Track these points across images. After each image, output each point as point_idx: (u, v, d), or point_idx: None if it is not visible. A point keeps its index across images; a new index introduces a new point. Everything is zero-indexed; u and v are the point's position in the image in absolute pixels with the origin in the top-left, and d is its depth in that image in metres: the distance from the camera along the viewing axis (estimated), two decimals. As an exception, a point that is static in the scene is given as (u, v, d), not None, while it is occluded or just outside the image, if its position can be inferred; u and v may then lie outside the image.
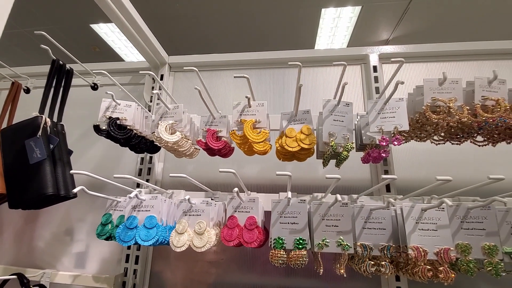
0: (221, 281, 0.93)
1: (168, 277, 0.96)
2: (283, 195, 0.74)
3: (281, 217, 0.68)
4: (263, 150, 0.77)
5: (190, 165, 1.06)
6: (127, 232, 0.67)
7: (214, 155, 0.87)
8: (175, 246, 0.65)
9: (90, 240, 1.04)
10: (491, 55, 1.05)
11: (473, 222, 0.62)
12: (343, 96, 1.07)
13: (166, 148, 0.83)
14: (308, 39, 3.61)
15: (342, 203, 0.68)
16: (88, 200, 1.08)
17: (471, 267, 0.59)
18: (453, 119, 0.66)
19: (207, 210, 0.67)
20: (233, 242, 0.67)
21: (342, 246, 0.64)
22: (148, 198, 0.69)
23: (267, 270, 0.93)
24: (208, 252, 0.97)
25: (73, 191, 0.64)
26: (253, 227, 0.67)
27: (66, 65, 0.97)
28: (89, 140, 1.16)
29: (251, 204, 0.69)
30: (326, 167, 0.79)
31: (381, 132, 0.70)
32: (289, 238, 0.66)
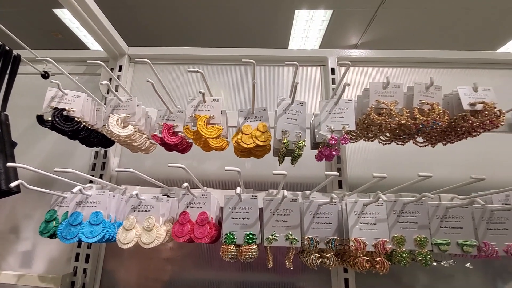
0: (177, 278, 0.93)
1: (121, 276, 0.93)
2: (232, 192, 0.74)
3: (233, 212, 0.69)
4: (219, 146, 0.77)
5: (148, 160, 1.03)
6: (70, 229, 0.64)
7: (171, 150, 0.86)
8: (122, 242, 0.63)
9: (37, 239, 0.98)
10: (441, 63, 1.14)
11: (408, 216, 0.67)
12: (302, 95, 1.11)
13: (119, 142, 0.80)
14: (282, 39, 3.66)
15: (291, 199, 0.70)
16: (35, 196, 1.01)
17: (404, 258, 0.64)
18: (394, 121, 0.71)
19: (157, 206, 0.66)
20: (184, 238, 0.67)
21: (290, 240, 0.67)
22: (95, 193, 0.67)
23: (224, 266, 0.94)
24: (164, 249, 0.95)
25: (10, 185, 0.60)
26: (204, 223, 0.68)
27: (13, 51, 0.90)
28: (39, 132, 1.09)
29: (204, 200, 0.70)
30: (283, 164, 0.82)
31: (331, 131, 0.74)
32: (240, 233, 0.67)
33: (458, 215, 0.67)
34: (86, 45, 3.75)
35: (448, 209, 0.68)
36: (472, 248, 0.65)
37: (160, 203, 0.66)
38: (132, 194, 0.63)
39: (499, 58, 1.14)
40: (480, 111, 0.72)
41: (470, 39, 3.38)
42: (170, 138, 0.79)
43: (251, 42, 3.77)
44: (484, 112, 0.70)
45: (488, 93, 0.72)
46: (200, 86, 1.15)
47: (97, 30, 0.97)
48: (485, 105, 0.69)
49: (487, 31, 3.21)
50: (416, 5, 2.88)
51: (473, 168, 1.02)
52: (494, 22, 3.05)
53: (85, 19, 0.91)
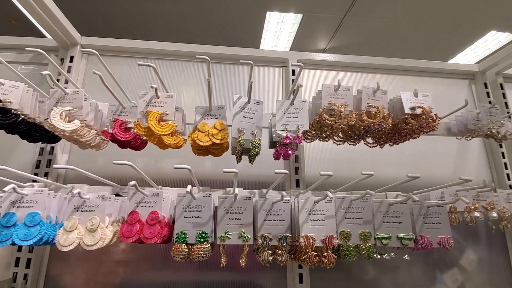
0: (130, 281, 0.89)
1: (67, 281, 0.87)
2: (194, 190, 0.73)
3: (185, 211, 0.68)
4: (175, 144, 0.76)
5: (100, 158, 0.98)
6: (3, 231, 0.58)
7: (125, 147, 0.82)
8: (62, 245, 0.59)
9: (-33, 244, 0.88)
10: (392, 70, 1.23)
11: (354, 212, 0.71)
12: (262, 95, 1.12)
13: (65, 138, 0.75)
14: (254, 40, 3.67)
15: (245, 197, 0.71)
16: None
17: (350, 252, 0.68)
18: (344, 122, 0.75)
19: (102, 205, 0.63)
20: (132, 239, 0.64)
21: (243, 238, 0.67)
22: (32, 192, 0.62)
23: (180, 266, 0.92)
24: (115, 251, 0.91)
25: None
26: (154, 222, 0.65)
27: None
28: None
29: (155, 199, 0.67)
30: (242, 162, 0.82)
31: (286, 130, 0.75)
32: (192, 232, 0.66)
33: (399, 211, 0.73)
34: (44, 34, 3.45)
35: (390, 205, 0.73)
36: (409, 241, 0.71)
37: (106, 202, 0.63)
38: (74, 193, 0.59)
39: (446, 68, 1.25)
40: (419, 115, 0.78)
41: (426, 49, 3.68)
42: (121, 135, 0.76)
43: (223, 40, 3.75)
44: (422, 116, 0.76)
45: (426, 99, 0.78)
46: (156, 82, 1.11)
47: (45, 17, 0.90)
48: (423, 110, 0.76)
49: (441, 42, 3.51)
50: (379, 15, 3.06)
51: (415, 167, 1.11)
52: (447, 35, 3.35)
53: (30, 4, 0.84)
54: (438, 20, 3.10)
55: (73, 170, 0.57)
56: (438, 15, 3.03)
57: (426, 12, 2.99)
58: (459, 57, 3.78)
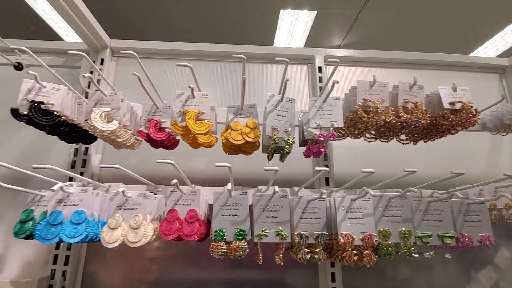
0: (164, 278, 0.90)
1: (104, 278, 0.90)
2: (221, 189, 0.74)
3: (222, 209, 0.68)
4: (207, 142, 0.76)
5: (132, 158, 1.00)
6: (50, 228, 0.60)
7: (158, 147, 0.84)
8: (107, 242, 0.61)
9: (9, 241, 0.92)
10: (419, 65, 1.20)
11: (393, 210, 0.70)
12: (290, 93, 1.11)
13: (103, 138, 0.77)
14: (267, 38, 3.66)
15: (281, 195, 0.70)
16: (7, 195, 0.94)
17: (389, 250, 0.66)
18: (380, 118, 0.73)
19: (144, 204, 0.64)
20: (172, 236, 0.65)
21: (280, 236, 0.67)
22: (77, 191, 0.63)
23: (212, 264, 0.93)
24: (149, 248, 0.93)
25: None
26: (193, 220, 0.66)
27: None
28: (13, 127, 1.02)
29: (193, 197, 0.68)
30: (272, 161, 0.82)
31: (319, 128, 0.75)
32: (230, 230, 0.67)
33: (439, 209, 0.71)
34: (61, 38, 3.55)
35: (429, 203, 0.71)
36: (451, 239, 0.69)
37: (147, 200, 0.64)
38: (118, 191, 0.60)
39: (473, 62, 1.21)
40: (459, 110, 0.76)
41: (444, 43, 3.57)
42: (157, 134, 0.77)
43: (236, 39, 3.75)
44: (462, 111, 0.73)
45: (465, 93, 0.76)
46: (185, 82, 1.12)
47: (77, 21, 0.92)
48: (464, 105, 0.73)
49: (460, 36, 3.40)
50: (396, 9, 2.99)
51: (450, 164, 1.08)
52: (467, 28, 3.24)
53: (63, 8, 0.86)
54: (456, 13, 3.01)
55: (119, 169, 0.58)
56: (457, 9, 2.93)
57: (444, 5, 2.90)
58: (479, 51, 3.65)
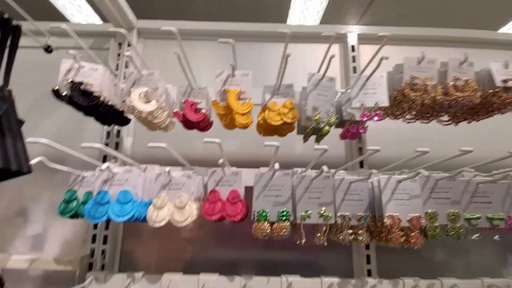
0: (198, 258, 0.92)
1: (140, 256, 0.92)
2: (264, 169, 0.73)
3: (264, 190, 0.67)
4: (245, 123, 0.75)
5: (163, 140, 0.98)
6: (98, 208, 0.61)
7: (191, 128, 0.83)
8: (154, 221, 0.61)
9: (48, 221, 0.94)
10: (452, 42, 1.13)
11: (440, 192, 0.68)
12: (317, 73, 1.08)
13: (139, 120, 0.76)
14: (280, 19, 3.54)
15: (324, 175, 0.69)
16: (44, 177, 0.96)
17: (437, 232, 0.65)
18: (429, 96, 0.70)
19: (188, 184, 0.64)
20: (216, 216, 0.65)
21: (324, 217, 0.66)
22: (122, 171, 0.63)
23: (244, 245, 0.93)
24: (183, 229, 0.94)
25: (30, 162, 0.56)
26: (236, 201, 0.66)
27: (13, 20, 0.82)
28: (42, 112, 1.02)
29: (234, 178, 0.67)
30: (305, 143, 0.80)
31: (362, 107, 0.72)
32: (272, 211, 0.66)
33: (488, 191, 0.68)
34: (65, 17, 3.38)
35: (478, 185, 0.68)
36: (501, 221, 0.66)
37: (190, 181, 0.64)
38: (164, 171, 0.60)
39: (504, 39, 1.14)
40: (511, 87, 0.71)
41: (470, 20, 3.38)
42: (193, 115, 0.76)
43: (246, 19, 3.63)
44: (516, 89, 0.69)
45: (520, 70, 0.71)
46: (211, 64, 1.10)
47: (106, 1, 0.90)
48: (519, 81, 0.69)
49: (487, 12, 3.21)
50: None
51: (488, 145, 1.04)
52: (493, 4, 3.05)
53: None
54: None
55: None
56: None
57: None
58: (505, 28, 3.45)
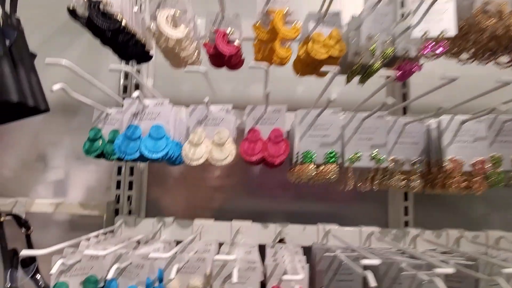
0: (226, 206, 0.88)
1: (166, 204, 0.89)
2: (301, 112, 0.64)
3: (310, 129, 0.60)
4: (286, 57, 0.65)
5: (186, 81, 0.91)
6: (129, 143, 0.55)
7: (221, 65, 0.74)
8: (191, 159, 0.55)
9: (69, 167, 0.90)
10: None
11: (507, 135, 0.60)
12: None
13: (164, 51, 0.67)
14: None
15: (378, 115, 0.61)
16: (61, 121, 0.90)
17: (500, 179, 0.59)
18: (505, 24, 0.59)
19: (227, 119, 0.57)
20: (256, 157, 0.59)
21: (376, 160, 0.60)
22: (152, 104, 0.56)
23: (273, 195, 0.90)
24: (210, 176, 0.89)
25: (53, 87, 0.49)
26: (279, 140, 0.59)
27: None
28: (54, 49, 0.93)
29: (276, 115, 0.60)
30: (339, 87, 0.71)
31: (424, 36, 0.62)
32: (319, 152, 0.60)
33: (561, 135, 0.61)
34: None
35: (550, 128, 0.61)
36: None
37: (230, 115, 0.57)
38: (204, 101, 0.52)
39: None
40: None
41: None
42: (226, 47, 0.66)
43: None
44: None
45: None
46: None
47: None
48: None
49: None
50: None
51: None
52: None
53: None
54: None
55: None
56: None
57: None
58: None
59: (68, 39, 0.93)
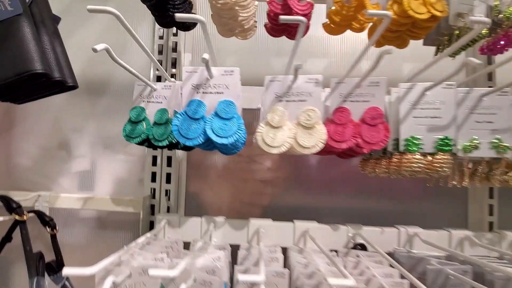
0: (278, 203, 0.76)
1: (209, 199, 0.77)
2: (404, 86, 0.50)
3: (415, 108, 0.47)
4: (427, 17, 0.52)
5: (231, 56, 0.78)
6: (191, 124, 0.42)
7: (281, 32, 0.60)
8: (269, 145, 0.43)
9: (96, 156, 0.78)
10: None
11: None
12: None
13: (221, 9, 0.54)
14: None
15: (500, 92, 0.48)
16: (85, 103, 0.78)
17: None
18: None
19: (316, 93, 0.43)
20: (347, 144, 0.46)
21: (498, 149, 0.47)
22: (217, 72, 0.43)
23: (331, 190, 0.77)
24: (259, 168, 0.77)
25: (96, 47, 0.36)
26: (377, 122, 0.46)
27: None
28: (75, 19, 0.80)
29: (372, 90, 0.47)
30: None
31: None
32: (427, 137, 0.47)
33: None
34: None
35: None
36: None
37: (318, 89, 0.44)
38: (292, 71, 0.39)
39: None
40: None
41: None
42: (298, 6, 0.53)
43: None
44: None
45: None
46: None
47: None
48: None
49: None
50: None
51: None
52: None
53: None
54: None
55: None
56: None
57: None
58: None
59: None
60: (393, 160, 0.48)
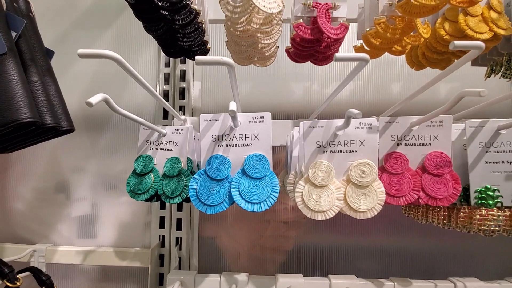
0: (304, 245, 0.67)
1: (225, 245, 0.67)
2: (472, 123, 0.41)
3: (487, 152, 0.38)
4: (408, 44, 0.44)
5: (244, 83, 0.69)
6: (213, 186, 0.33)
7: (307, 58, 0.52)
8: (312, 210, 0.33)
9: (97, 198, 0.70)
10: None
11: None
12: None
13: (239, 36, 0.46)
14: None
15: None
16: (85, 140, 0.70)
17: None
18: None
19: (371, 142, 0.34)
20: (405, 199, 0.37)
21: None
22: (245, 120, 0.35)
23: (364, 229, 0.68)
24: (282, 208, 0.68)
25: (91, 100, 0.27)
26: (443, 172, 0.37)
27: None
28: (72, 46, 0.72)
29: (434, 131, 0.38)
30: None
31: None
32: (505, 187, 0.37)
33: None
34: None
35: None
36: None
37: (374, 136, 0.35)
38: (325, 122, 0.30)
39: None
40: None
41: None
42: (331, 28, 0.45)
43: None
44: None
45: None
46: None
47: None
48: None
49: None
50: None
51: None
52: None
53: None
54: None
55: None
56: None
57: None
58: None
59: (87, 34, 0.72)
60: (461, 215, 0.39)
